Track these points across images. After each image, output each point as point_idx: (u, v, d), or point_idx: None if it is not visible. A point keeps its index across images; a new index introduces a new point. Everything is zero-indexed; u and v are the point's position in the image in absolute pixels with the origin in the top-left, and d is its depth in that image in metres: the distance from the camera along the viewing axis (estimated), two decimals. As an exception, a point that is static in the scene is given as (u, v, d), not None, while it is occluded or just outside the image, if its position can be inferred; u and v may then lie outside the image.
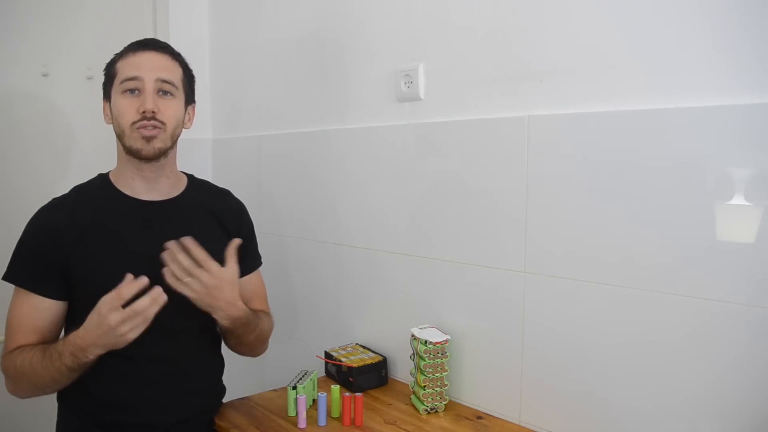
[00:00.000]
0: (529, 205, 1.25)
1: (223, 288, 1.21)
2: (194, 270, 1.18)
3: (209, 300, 1.20)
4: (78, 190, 1.32)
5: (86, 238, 1.23)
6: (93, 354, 1.12)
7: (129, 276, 1.11)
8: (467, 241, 1.38)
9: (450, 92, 1.42)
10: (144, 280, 1.10)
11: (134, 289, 1.09)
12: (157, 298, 1.10)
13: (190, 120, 1.37)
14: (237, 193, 1.49)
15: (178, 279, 1.17)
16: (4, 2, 1.93)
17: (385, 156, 1.56)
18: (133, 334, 1.10)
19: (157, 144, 1.25)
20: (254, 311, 1.35)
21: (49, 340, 1.25)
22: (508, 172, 1.29)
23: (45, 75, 1.99)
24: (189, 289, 1.18)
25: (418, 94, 1.48)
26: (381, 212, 1.58)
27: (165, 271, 1.17)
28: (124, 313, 1.08)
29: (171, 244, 1.17)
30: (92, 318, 1.10)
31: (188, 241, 1.18)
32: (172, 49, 1.31)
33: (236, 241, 1.26)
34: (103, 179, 1.33)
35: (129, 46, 1.28)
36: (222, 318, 1.24)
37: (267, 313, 1.47)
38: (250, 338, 1.34)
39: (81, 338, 1.12)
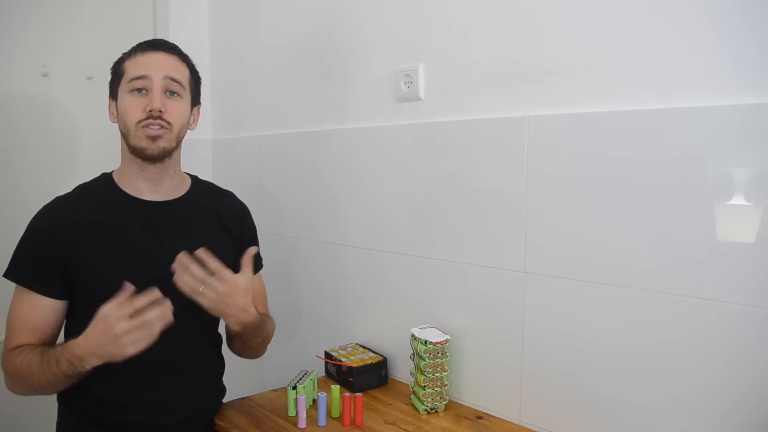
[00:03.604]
0: (529, 205, 1.25)
1: (237, 295, 1.20)
2: (208, 279, 1.17)
3: (223, 307, 1.20)
4: (81, 189, 1.32)
5: (88, 237, 1.23)
6: (90, 364, 1.12)
7: (129, 286, 1.10)
8: (467, 241, 1.38)
9: (450, 92, 1.42)
10: (157, 293, 1.10)
11: (147, 301, 1.09)
12: (165, 314, 1.10)
13: (195, 121, 1.37)
14: (237, 193, 1.49)
15: (192, 288, 1.17)
16: (4, 2, 1.93)
17: (385, 156, 1.56)
18: (134, 349, 1.09)
19: (162, 144, 1.25)
20: (261, 316, 1.35)
21: (49, 339, 1.26)
22: (508, 172, 1.29)
23: (45, 75, 1.99)
24: (203, 297, 1.18)
25: (418, 94, 1.48)
26: (381, 212, 1.58)
27: (178, 280, 1.16)
28: (132, 323, 1.07)
29: (183, 256, 1.17)
30: (97, 325, 1.10)
31: (201, 252, 1.18)
32: (180, 51, 1.32)
33: (252, 250, 1.25)
34: (106, 178, 1.33)
35: (137, 45, 1.28)
36: (234, 324, 1.24)
37: (270, 317, 1.47)
38: (257, 342, 1.36)
39: (80, 347, 1.11)
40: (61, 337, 1.28)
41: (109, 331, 1.08)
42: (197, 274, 1.17)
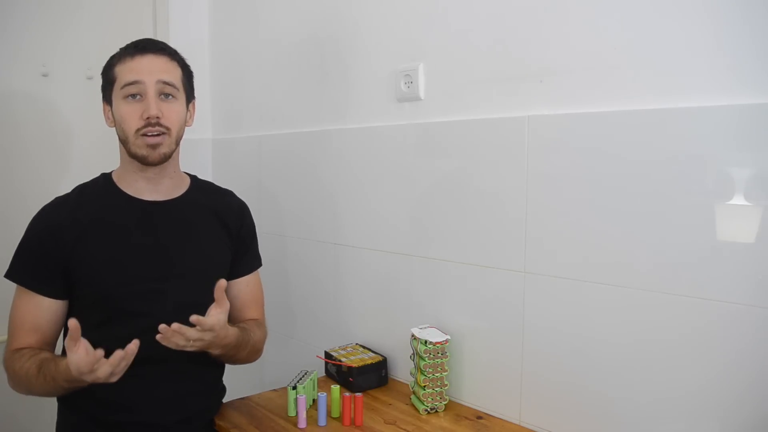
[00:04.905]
0: (529, 205, 1.25)
1: (219, 334, 1.17)
2: (196, 336, 1.13)
3: (207, 348, 1.19)
4: (81, 189, 1.32)
5: (88, 238, 1.23)
6: (86, 383, 1.11)
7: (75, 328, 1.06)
8: (467, 241, 1.38)
9: (450, 92, 1.42)
10: (99, 353, 1.05)
11: (96, 357, 1.04)
12: (124, 357, 1.06)
13: (192, 117, 1.37)
14: (237, 193, 1.49)
15: (181, 346, 1.14)
16: (4, 2, 1.93)
17: (385, 156, 1.56)
18: (115, 378, 1.08)
19: (163, 150, 1.25)
20: (242, 328, 1.31)
21: (50, 339, 1.26)
22: (508, 172, 1.29)
23: (45, 75, 1.99)
24: (192, 347, 1.15)
25: (418, 94, 1.48)
26: (381, 212, 1.58)
27: (166, 343, 1.12)
28: (94, 375, 1.05)
29: (164, 328, 1.10)
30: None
31: (191, 320, 1.13)
32: (170, 49, 1.30)
33: (222, 282, 1.16)
34: (106, 179, 1.33)
35: (126, 49, 1.27)
36: (214, 352, 1.24)
37: (259, 323, 1.43)
38: (243, 354, 1.33)
39: (72, 371, 1.08)
40: (60, 338, 1.29)
41: (82, 378, 1.06)
42: (188, 335, 1.13)
